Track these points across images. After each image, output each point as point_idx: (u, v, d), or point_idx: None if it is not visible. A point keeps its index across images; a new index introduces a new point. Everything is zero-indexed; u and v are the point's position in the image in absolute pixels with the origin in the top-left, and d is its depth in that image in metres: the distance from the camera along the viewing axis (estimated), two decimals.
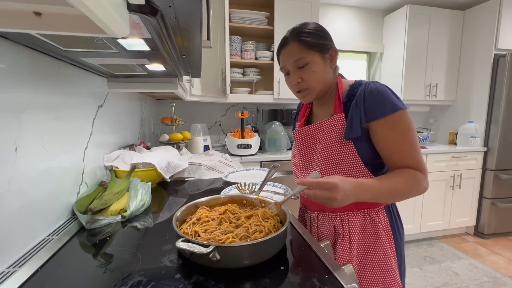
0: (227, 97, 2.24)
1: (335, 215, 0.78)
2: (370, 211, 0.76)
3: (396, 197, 0.68)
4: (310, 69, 0.73)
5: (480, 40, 2.56)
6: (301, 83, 0.75)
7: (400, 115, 0.68)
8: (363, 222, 0.76)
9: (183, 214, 0.66)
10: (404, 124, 0.68)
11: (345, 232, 0.76)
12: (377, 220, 0.76)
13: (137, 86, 1.16)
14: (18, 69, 0.60)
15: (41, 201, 0.68)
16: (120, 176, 0.96)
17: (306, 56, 0.72)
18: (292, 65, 0.75)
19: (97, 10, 0.28)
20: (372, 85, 0.70)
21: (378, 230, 0.75)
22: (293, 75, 0.76)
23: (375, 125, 0.69)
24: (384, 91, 0.69)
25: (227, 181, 1.12)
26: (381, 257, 0.74)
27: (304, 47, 0.72)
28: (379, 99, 0.68)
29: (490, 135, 2.54)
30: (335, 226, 0.78)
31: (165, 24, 0.52)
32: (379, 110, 0.68)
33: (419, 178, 0.67)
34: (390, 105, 0.67)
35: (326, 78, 0.76)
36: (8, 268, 0.54)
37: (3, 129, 0.55)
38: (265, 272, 0.51)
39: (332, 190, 0.56)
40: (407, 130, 0.68)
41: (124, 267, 0.53)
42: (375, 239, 0.75)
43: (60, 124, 0.77)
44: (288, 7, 2.27)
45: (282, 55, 0.77)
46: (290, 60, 0.74)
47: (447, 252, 2.36)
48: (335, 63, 0.77)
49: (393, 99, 0.68)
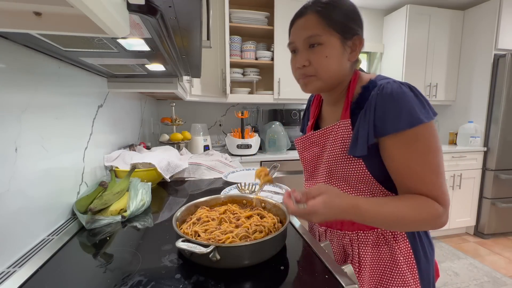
0: (227, 97, 2.24)
1: (343, 234, 0.66)
2: (386, 232, 0.63)
3: (401, 228, 0.57)
4: (322, 51, 0.58)
5: (480, 40, 2.56)
6: (307, 68, 0.60)
7: (419, 131, 0.52)
8: (376, 244, 0.63)
9: (183, 214, 0.66)
10: (422, 142, 0.53)
11: (354, 253, 0.64)
12: (394, 244, 0.62)
13: (137, 86, 1.16)
14: (18, 69, 0.60)
15: (41, 201, 0.68)
16: (120, 176, 0.96)
17: (323, 34, 0.57)
18: (302, 42, 0.60)
19: (97, 10, 0.28)
20: (388, 87, 0.54)
21: (395, 255, 0.61)
22: (300, 55, 0.61)
23: (384, 141, 0.56)
24: (401, 97, 0.53)
25: (227, 181, 1.12)
26: (399, 285, 0.61)
27: (324, 22, 0.57)
28: (393, 107, 0.53)
29: (490, 135, 2.54)
30: (344, 245, 0.67)
31: (165, 24, 0.52)
32: (390, 123, 0.53)
33: (435, 210, 0.52)
34: (406, 117, 0.52)
35: (339, 70, 0.61)
36: (8, 268, 0.54)
37: (3, 129, 0.55)
38: (265, 272, 0.51)
39: (311, 215, 0.50)
40: (426, 151, 0.53)
41: (124, 267, 0.53)
42: (392, 265, 0.62)
43: (60, 124, 0.77)
44: (288, 7, 2.27)
45: (294, 27, 0.62)
46: (302, 34, 0.59)
47: (447, 252, 2.36)
48: (356, 56, 0.62)
49: (412, 108, 0.52)
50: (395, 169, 0.56)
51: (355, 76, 0.64)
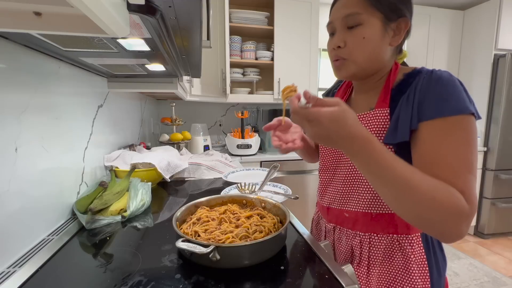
0: (227, 97, 2.24)
1: (354, 233, 0.63)
2: (401, 237, 0.58)
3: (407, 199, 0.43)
4: (360, 32, 0.54)
5: (480, 40, 2.56)
6: (342, 49, 0.56)
7: (463, 120, 0.47)
8: (389, 249, 0.59)
9: (183, 214, 0.66)
10: (463, 133, 0.47)
11: (363, 256, 0.61)
12: (409, 250, 0.58)
13: (137, 86, 1.16)
14: (18, 69, 0.60)
15: (41, 201, 0.68)
16: (120, 176, 0.96)
17: (363, 13, 0.53)
18: (341, 21, 0.56)
19: (97, 10, 0.28)
20: (438, 72, 0.51)
21: (409, 263, 0.57)
22: (337, 35, 0.57)
23: (423, 127, 0.50)
24: (452, 82, 0.49)
25: (227, 181, 1.12)
26: None
27: (367, 1, 0.53)
28: (442, 91, 0.49)
29: (490, 135, 2.54)
30: (352, 246, 0.64)
31: (165, 24, 0.52)
32: (437, 106, 0.48)
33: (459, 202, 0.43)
34: (454, 103, 0.47)
35: (377, 54, 0.56)
36: (8, 268, 0.54)
37: (3, 129, 0.55)
38: (265, 272, 0.51)
39: (311, 121, 0.41)
40: (465, 143, 0.47)
41: (124, 267, 0.53)
42: (404, 273, 0.58)
43: (60, 124, 0.77)
44: (288, 7, 2.27)
45: (335, 7, 0.59)
46: (342, 12, 0.55)
47: (447, 252, 2.35)
48: (399, 41, 0.56)
49: (461, 95, 0.48)
50: (424, 154, 0.49)
51: (396, 67, 0.59)
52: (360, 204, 0.62)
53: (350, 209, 0.64)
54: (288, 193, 0.90)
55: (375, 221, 0.60)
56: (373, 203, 0.60)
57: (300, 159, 2.17)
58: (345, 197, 0.65)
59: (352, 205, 0.63)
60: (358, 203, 0.62)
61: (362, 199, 0.61)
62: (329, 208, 0.69)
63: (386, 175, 0.42)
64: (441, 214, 0.42)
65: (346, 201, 0.64)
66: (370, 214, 0.61)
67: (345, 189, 0.65)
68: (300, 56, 2.36)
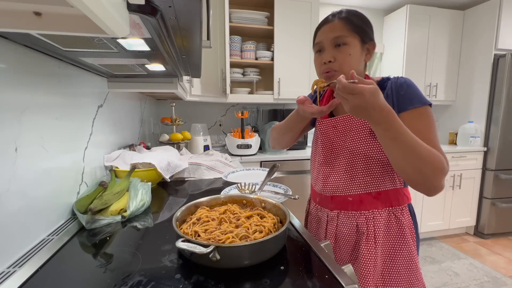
0: (227, 97, 2.24)
1: (359, 213, 0.76)
2: (395, 209, 0.75)
3: (413, 157, 0.59)
4: (347, 50, 0.70)
5: (480, 40, 2.56)
6: (333, 63, 0.72)
7: (427, 109, 0.69)
8: (388, 221, 0.75)
9: (183, 214, 0.66)
10: (429, 118, 0.69)
11: (369, 231, 0.74)
12: (402, 218, 0.74)
13: (137, 86, 1.16)
14: (18, 69, 0.60)
15: (41, 201, 0.68)
16: (120, 176, 0.96)
17: (348, 36, 0.70)
18: (329, 41, 0.72)
19: (97, 10, 0.28)
20: (402, 78, 0.73)
21: (403, 229, 0.74)
22: (327, 53, 0.72)
23: (405, 116, 0.69)
24: (413, 84, 0.71)
25: (227, 181, 1.12)
26: (406, 256, 0.73)
27: (349, 27, 0.70)
28: (410, 91, 0.70)
29: (490, 135, 2.54)
30: (358, 225, 0.76)
31: (165, 24, 0.52)
32: (409, 101, 0.69)
33: (442, 161, 0.61)
34: (419, 98, 0.69)
35: (358, 67, 0.73)
36: (8, 268, 0.54)
37: (3, 129, 0.55)
38: (265, 272, 0.51)
39: (356, 94, 0.54)
40: (432, 124, 0.68)
41: (124, 267, 0.53)
42: (401, 238, 0.74)
43: (60, 124, 0.77)
44: (288, 7, 2.27)
45: (321, 30, 0.74)
46: (330, 35, 0.71)
47: (447, 252, 2.36)
48: (370, 58, 0.76)
49: (421, 93, 0.71)
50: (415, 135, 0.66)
51: (367, 77, 0.76)
52: (362, 187, 0.75)
53: (354, 193, 0.76)
54: (288, 193, 0.90)
55: (376, 199, 0.75)
56: (372, 183, 0.75)
57: (300, 159, 2.17)
58: (348, 183, 0.77)
59: (355, 189, 0.76)
60: (360, 186, 0.75)
61: (363, 182, 0.75)
62: (333, 196, 0.80)
63: (400, 139, 0.58)
64: (433, 168, 0.60)
65: (349, 187, 0.77)
66: (370, 194, 0.75)
67: (347, 176, 0.77)
68: (300, 56, 2.36)
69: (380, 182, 0.74)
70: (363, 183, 0.75)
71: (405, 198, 0.77)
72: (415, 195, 2.48)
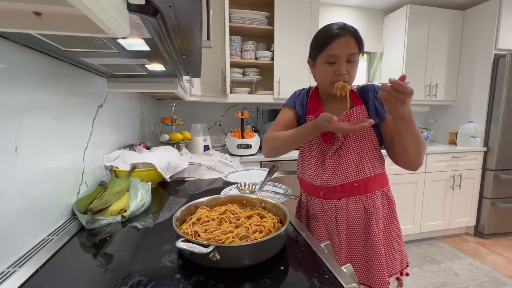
0: (227, 97, 2.24)
1: (366, 196, 0.87)
2: (386, 189, 0.91)
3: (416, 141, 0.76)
4: (356, 65, 0.84)
5: (480, 40, 2.56)
6: (345, 75, 0.83)
7: None
8: (382, 200, 0.89)
9: (183, 214, 0.66)
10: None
11: (376, 210, 0.86)
12: (390, 196, 0.91)
13: (137, 86, 1.16)
14: (18, 69, 0.60)
15: (41, 201, 0.68)
16: (120, 176, 0.96)
17: (357, 53, 0.82)
18: (345, 57, 0.81)
19: (97, 10, 0.28)
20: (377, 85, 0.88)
21: (392, 206, 0.90)
22: (343, 66, 0.82)
23: None
24: None
25: (227, 181, 1.12)
26: (396, 227, 0.90)
27: (358, 46, 0.82)
28: None
29: (490, 135, 2.54)
30: (365, 207, 0.87)
31: (165, 24, 0.52)
32: None
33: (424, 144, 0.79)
34: None
35: None
36: (8, 268, 0.54)
37: (3, 129, 0.55)
38: (265, 272, 0.51)
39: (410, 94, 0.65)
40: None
41: (124, 267, 0.53)
42: (391, 214, 0.90)
43: (60, 124, 0.77)
44: (288, 7, 2.27)
45: (337, 43, 0.80)
46: (346, 51, 0.80)
47: (447, 252, 2.36)
48: None
49: None
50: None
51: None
52: (366, 172, 0.87)
53: (359, 178, 0.86)
54: (288, 193, 0.90)
55: (374, 181, 0.88)
56: (372, 168, 0.87)
57: None
58: (356, 169, 0.87)
59: (361, 174, 0.87)
60: (365, 171, 0.87)
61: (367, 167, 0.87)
62: (343, 185, 0.87)
63: (414, 129, 0.75)
64: (424, 149, 0.79)
65: (357, 173, 0.87)
66: (370, 177, 0.87)
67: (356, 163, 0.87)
68: (300, 56, 2.36)
69: (377, 166, 0.88)
70: (367, 168, 0.87)
71: (387, 180, 0.93)
72: (415, 196, 2.48)
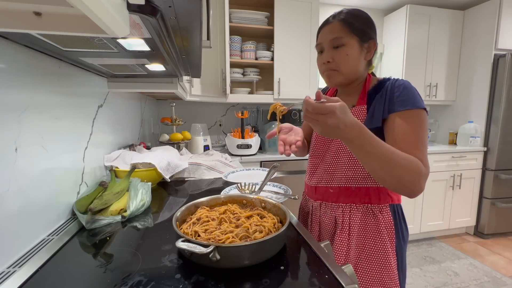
0: (227, 97, 2.24)
1: (337, 206, 0.80)
2: (374, 206, 0.77)
3: (387, 167, 0.59)
4: (344, 51, 0.73)
5: (480, 40, 2.56)
6: (331, 63, 0.75)
7: (419, 112, 0.68)
8: (364, 216, 0.77)
9: (183, 214, 0.66)
10: (419, 121, 0.68)
11: (344, 223, 0.78)
12: (380, 216, 0.76)
13: (137, 86, 1.16)
14: (18, 69, 0.60)
15: (41, 201, 0.68)
16: (120, 176, 0.96)
17: (344, 37, 0.72)
18: (328, 43, 0.75)
19: (97, 10, 0.28)
20: (401, 80, 0.73)
21: (379, 226, 0.75)
22: (326, 54, 0.76)
23: (393, 116, 0.70)
24: (411, 87, 0.71)
25: (227, 181, 1.12)
26: (379, 252, 0.75)
27: (346, 28, 0.72)
28: (405, 93, 0.70)
29: (490, 135, 2.54)
30: (335, 216, 0.80)
31: (165, 24, 0.52)
32: (401, 103, 0.69)
33: (420, 167, 0.62)
34: (412, 100, 0.69)
35: (357, 67, 0.75)
36: (8, 268, 0.54)
37: (3, 129, 0.55)
38: (265, 272, 0.51)
39: (327, 114, 0.51)
40: (420, 128, 0.68)
41: (124, 267, 0.53)
42: (376, 235, 0.75)
43: (60, 124, 0.77)
44: (288, 7, 2.27)
45: (321, 32, 0.77)
46: (328, 37, 0.74)
47: (447, 252, 2.36)
48: (371, 56, 0.77)
49: (417, 97, 0.70)
50: (395, 134, 0.69)
51: (369, 76, 0.80)
52: (342, 181, 0.79)
53: (334, 186, 0.80)
54: (288, 193, 0.90)
55: (354, 193, 0.78)
56: (353, 179, 0.78)
57: (300, 159, 2.17)
58: (331, 176, 0.81)
59: (336, 182, 0.80)
60: (341, 180, 0.79)
61: (344, 176, 0.79)
62: (317, 187, 0.85)
63: (376, 152, 0.58)
64: (411, 175, 0.61)
65: (331, 179, 0.81)
66: (350, 188, 0.78)
67: (331, 169, 0.81)
68: (300, 56, 2.36)
69: (362, 178, 0.77)
70: (344, 177, 0.78)
71: (387, 198, 0.77)
72: None
